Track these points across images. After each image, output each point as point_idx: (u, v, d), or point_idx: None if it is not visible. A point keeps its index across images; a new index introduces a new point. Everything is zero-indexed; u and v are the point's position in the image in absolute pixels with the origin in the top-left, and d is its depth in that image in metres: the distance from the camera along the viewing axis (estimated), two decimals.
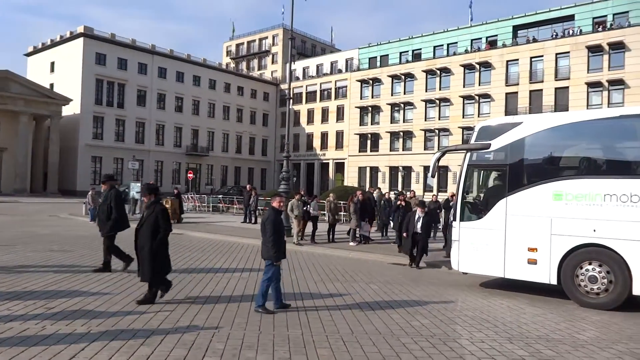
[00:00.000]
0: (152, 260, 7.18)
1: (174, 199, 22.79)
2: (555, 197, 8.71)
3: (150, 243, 7.18)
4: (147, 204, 7.58)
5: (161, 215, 7.30)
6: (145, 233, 7.28)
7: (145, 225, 7.33)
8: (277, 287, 7.21)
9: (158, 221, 7.25)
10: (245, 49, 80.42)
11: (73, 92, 49.87)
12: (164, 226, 7.27)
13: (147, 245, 7.20)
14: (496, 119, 10.24)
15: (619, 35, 42.93)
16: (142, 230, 7.33)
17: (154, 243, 7.18)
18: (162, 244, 7.34)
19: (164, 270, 7.46)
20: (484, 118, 50.13)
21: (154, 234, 7.20)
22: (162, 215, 7.32)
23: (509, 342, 6.07)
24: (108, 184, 10.09)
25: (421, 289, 9.47)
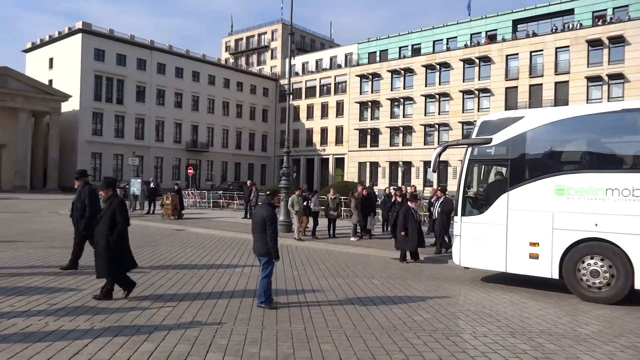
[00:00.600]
0: (109, 257, 6.93)
1: (174, 194, 22.77)
2: (557, 192, 8.70)
3: (107, 238, 6.91)
4: (105, 198, 7.33)
5: (118, 209, 7.03)
6: (101, 228, 7.02)
7: (102, 220, 7.08)
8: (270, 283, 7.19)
9: (115, 215, 7.00)
10: (244, 44, 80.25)
11: (72, 88, 49.77)
12: (120, 220, 6.99)
13: (103, 240, 6.94)
14: (497, 114, 10.22)
15: (619, 29, 42.86)
16: (99, 225, 7.08)
17: (110, 238, 6.91)
18: (120, 239, 7.04)
19: (124, 267, 7.21)
20: (483, 113, 50.11)
21: (111, 229, 6.94)
22: (119, 209, 7.04)
23: (511, 336, 6.08)
24: (82, 180, 9.49)
25: (423, 284, 9.48)
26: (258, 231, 7.09)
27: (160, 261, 10.93)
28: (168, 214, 22.20)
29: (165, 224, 20.13)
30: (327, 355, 5.13)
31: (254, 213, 7.42)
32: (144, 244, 13.73)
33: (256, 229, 7.11)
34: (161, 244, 13.92)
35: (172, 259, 11.26)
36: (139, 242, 14.19)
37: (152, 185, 25.39)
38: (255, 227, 7.13)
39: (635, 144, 8.36)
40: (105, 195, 7.33)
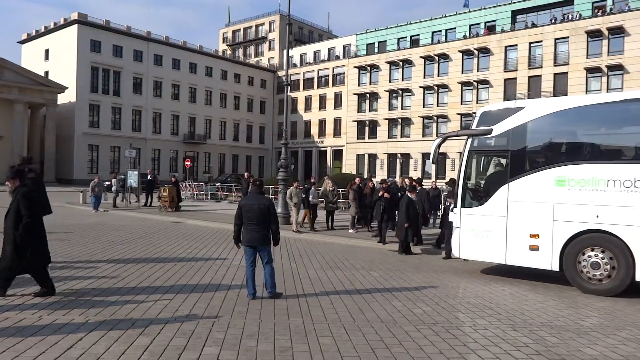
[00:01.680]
0: (15, 251, 6.41)
1: (171, 187, 22.65)
2: (557, 183, 8.60)
3: (13, 233, 6.40)
4: (11, 189, 6.77)
5: (22, 202, 6.43)
6: (8, 222, 6.50)
7: (8, 214, 6.54)
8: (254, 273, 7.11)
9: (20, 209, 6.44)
10: (241, 35, 79.70)
11: (68, 80, 49.40)
12: (25, 214, 6.40)
13: (9, 234, 6.45)
14: (498, 104, 10.09)
15: (619, 20, 42.61)
16: (6, 219, 6.55)
17: (16, 233, 6.39)
18: (27, 232, 6.43)
19: (35, 263, 6.59)
20: (482, 105, 49.90)
21: (16, 223, 6.41)
22: (23, 202, 6.44)
23: (512, 329, 6.00)
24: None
25: (422, 276, 9.41)
26: (260, 221, 6.90)
27: (157, 253, 10.83)
28: (165, 206, 22.09)
29: (162, 216, 20.03)
30: (325, 349, 5.05)
31: (248, 204, 7.01)
32: (141, 236, 13.63)
33: (257, 220, 6.89)
34: (158, 236, 13.82)
35: (169, 252, 11.16)
36: (136, 234, 14.11)
37: (149, 177, 25.25)
38: (257, 218, 6.89)
39: (637, 135, 8.25)
40: (12, 186, 6.75)
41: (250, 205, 7.00)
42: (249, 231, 6.95)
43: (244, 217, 6.96)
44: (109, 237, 13.20)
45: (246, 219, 6.95)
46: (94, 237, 13.10)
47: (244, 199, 7.29)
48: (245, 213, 6.96)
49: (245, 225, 6.98)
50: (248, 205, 6.99)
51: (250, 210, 6.95)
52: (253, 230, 6.94)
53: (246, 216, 6.95)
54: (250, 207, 6.96)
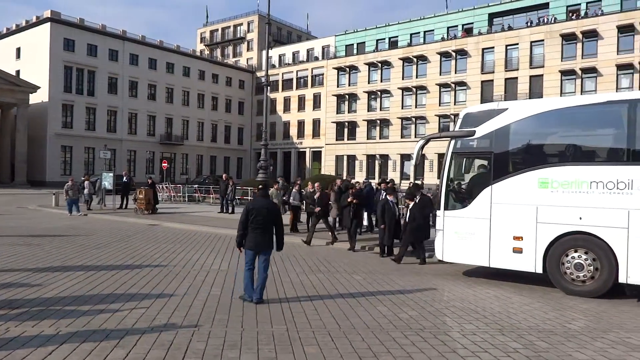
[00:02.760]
0: None
1: (147, 188, 22.14)
2: (540, 185, 8.58)
3: None
4: None
5: None
6: None
7: None
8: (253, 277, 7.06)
9: None
10: (219, 35, 78.96)
11: (41, 79, 48.07)
12: None
13: None
14: (481, 105, 10.05)
15: (592, 24, 43.50)
16: None
17: None
18: None
19: None
20: (460, 106, 50.39)
21: None
22: None
23: (500, 333, 5.90)
24: None
25: (405, 279, 9.28)
26: (268, 225, 6.87)
27: (133, 258, 10.47)
28: (141, 209, 21.57)
29: (138, 219, 19.55)
30: (311, 358, 4.85)
31: (260, 207, 6.91)
32: (116, 240, 13.21)
33: (265, 223, 6.85)
34: (134, 240, 13.42)
35: (146, 256, 10.80)
36: (111, 238, 13.67)
37: (125, 179, 24.64)
38: (265, 222, 6.85)
39: (620, 136, 8.28)
40: None
41: (260, 209, 6.91)
42: (255, 235, 6.88)
43: (251, 221, 6.86)
44: (82, 242, 12.75)
45: (253, 222, 6.85)
46: (67, 242, 12.64)
47: (252, 203, 7.21)
48: (254, 217, 6.86)
49: (251, 228, 6.88)
50: (257, 209, 6.90)
51: (259, 213, 6.86)
52: (259, 234, 6.88)
53: (254, 220, 6.85)
54: (260, 210, 6.87)
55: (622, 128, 8.24)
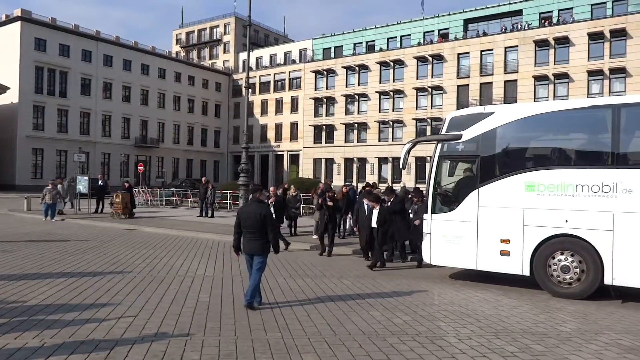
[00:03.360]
0: None
1: (124, 192, 21.66)
2: (527, 188, 8.66)
3: None
4: None
5: None
6: None
7: None
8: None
9: None
10: (195, 37, 78.21)
11: (10, 79, 46.62)
12: None
13: None
14: (467, 109, 10.12)
15: (564, 31, 44.57)
16: None
17: None
18: None
19: None
20: (436, 110, 51.03)
21: None
22: None
23: (495, 337, 5.89)
24: None
25: (394, 283, 9.25)
26: (254, 229, 6.83)
27: (114, 264, 10.17)
28: (118, 213, 21.08)
29: (115, 223, 19.08)
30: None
31: (246, 211, 7.00)
32: (94, 246, 12.84)
33: (255, 227, 6.83)
34: (113, 245, 13.06)
35: (127, 262, 10.51)
36: (89, 243, 13.28)
37: (100, 182, 24.07)
38: (253, 226, 6.83)
39: (604, 140, 8.42)
40: None
41: (247, 213, 6.96)
42: (247, 239, 6.93)
43: (242, 225, 6.91)
44: (59, 248, 12.34)
45: (244, 227, 6.91)
46: (43, 248, 12.22)
47: (242, 207, 7.25)
48: (243, 221, 6.90)
49: (243, 233, 6.94)
50: (245, 213, 6.97)
51: (247, 218, 6.89)
52: (251, 239, 6.89)
53: (244, 224, 6.90)
54: (247, 215, 6.92)
55: (606, 132, 8.38)
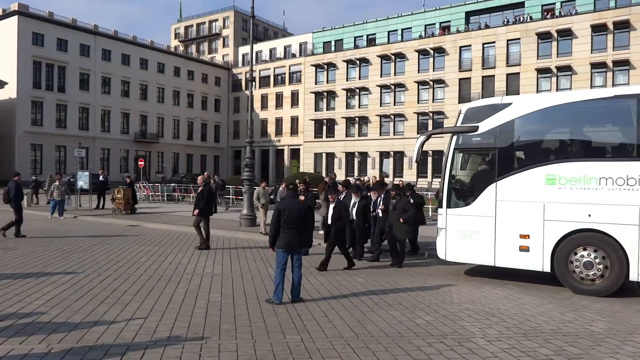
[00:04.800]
0: None
1: (126, 188, 21.35)
2: (547, 181, 8.35)
3: None
4: None
5: None
6: None
7: None
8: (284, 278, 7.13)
9: None
10: (194, 31, 77.56)
11: (8, 74, 46.15)
12: None
13: None
14: (483, 100, 9.78)
15: (567, 23, 44.14)
16: None
17: None
18: None
19: None
20: (438, 103, 50.67)
21: None
22: None
23: (525, 338, 5.60)
24: None
25: (408, 280, 8.95)
26: (298, 224, 6.93)
27: (119, 262, 9.86)
28: (120, 209, 20.77)
29: (117, 219, 18.78)
30: None
31: (289, 206, 6.96)
32: (98, 243, 12.53)
33: (298, 223, 6.92)
34: (117, 242, 12.76)
35: (132, 259, 10.20)
36: (92, 240, 12.97)
37: (101, 178, 23.73)
38: (297, 221, 6.91)
39: (628, 131, 8.10)
40: None
41: (292, 208, 6.94)
42: (288, 235, 6.88)
43: (284, 220, 6.85)
44: (61, 245, 12.03)
45: (286, 222, 6.86)
46: (45, 245, 11.91)
47: (283, 203, 7.18)
48: (287, 216, 6.85)
49: (283, 228, 6.87)
50: (289, 209, 6.93)
51: (291, 213, 6.87)
52: (292, 234, 6.90)
53: (287, 219, 6.85)
54: (292, 210, 6.91)
55: (630, 123, 8.06)
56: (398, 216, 10.26)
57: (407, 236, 10.76)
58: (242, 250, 11.97)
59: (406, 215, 10.25)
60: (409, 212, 10.30)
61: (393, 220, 10.42)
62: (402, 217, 10.20)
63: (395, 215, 10.34)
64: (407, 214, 10.27)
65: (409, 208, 10.39)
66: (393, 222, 10.42)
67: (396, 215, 10.32)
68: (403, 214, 10.21)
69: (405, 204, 10.38)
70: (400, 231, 10.35)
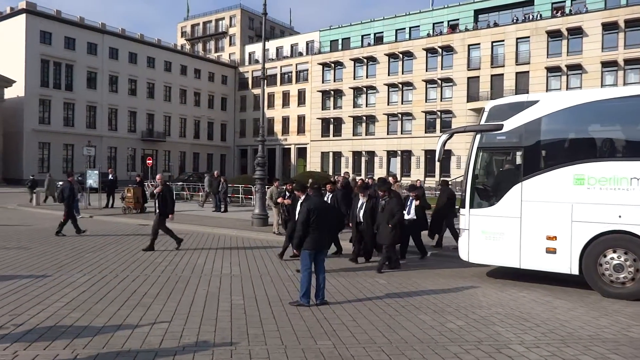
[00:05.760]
0: None
1: (136, 187, 21.22)
2: (576, 182, 8.11)
3: None
4: None
5: None
6: None
7: None
8: None
9: None
10: (200, 30, 77.45)
11: (16, 73, 46.20)
12: None
13: None
14: (508, 98, 9.57)
15: (577, 21, 43.72)
16: None
17: None
18: None
19: None
20: (446, 103, 50.36)
21: None
22: None
23: (564, 344, 5.39)
24: None
25: (430, 282, 8.75)
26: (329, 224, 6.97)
27: (134, 262, 9.70)
28: (130, 207, 20.64)
29: (128, 218, 18.66)
30: None
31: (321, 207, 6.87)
32: (111, 242, 12.39)
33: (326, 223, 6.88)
34: (130, 242, 12.62)
35: (148, 260, 10.05)
36: (105, 239, 12.83)
37: (110, 176, 23.63)
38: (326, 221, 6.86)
39: None
40: None
41: (323, 208, 6.82)
42: (318, 235, 6.73)
43: (315, 221, 6.65)
44: (74, 244, 11.89)
45: (314, 223, 6.66)
46: (58, 244, 11.79)
47: (312, 203, 6.89)
48: (318, 217, 6.66)
49: (313, 229, 6.68)
50: (321, 209, 6.78)
51: (324, 213, 6.73)
52: (322, 235, 6.79)
53: (318, 220, 6.67)
54: (323, 210, 6.80)
55: None
56: (386, 219, 9.45)
57: (390, 242, 9.52)
58: (257, 251, 11.80)
59: (394, 220, 9.35)
60: (396, 216, 9.40)
61: (380, 222, 9.66)
62: (390, 222, 9.35)
63: (383, 217, 9.58)
64: (395, 219, 9.36)
65: (397, 211, 9.48)
66: (380, 224, 9.65)
67: (383, 217, 9.54)
68: (391, 218, 9.35)
69: (394, 207, 9.49)
70: (385, 235, 9.50)
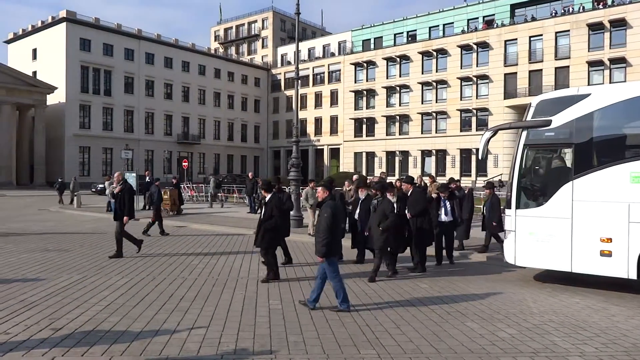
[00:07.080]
0: None
1: (172, 189, 21.44)
2: (633, 180, 7.57)
3: None
4: None
5: None
6: None
7: None
8: None
9: None
10: (233, 33, 78.26)
11: (57, 79, 47.76)
12: None
13: None
14: (557, 92, 9.07)
15: (620, 12, 41.96)
16: None
17: None
18: None
19: None
20: (482, 100, 49.19)
21: None
22: None
23: (629, 357, 4.96)
24: None
25: (475, 286, 8.35)
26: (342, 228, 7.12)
27: (171, 265, 9.65)
28: (166, 209, 20.83)
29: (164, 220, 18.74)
30: None
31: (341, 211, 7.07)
32: (147, 245, 12.40)
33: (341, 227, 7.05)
34: (166, 244, 12.65)
35: (184, 262, 9.99)
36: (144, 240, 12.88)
37: (147, 179, 23.97)
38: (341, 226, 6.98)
39: None
40: None
41: (341, 213, 6.56)
42: (338, 240, 6.47)
43: (337, 227, 6.35)
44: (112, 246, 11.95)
45: (337, 228, 6.39)
46: (96, 246, 11.91)
47: (334, 207, 6.43)
48: (340, 222, 6.48)
49: (334, 235, 6.38)
50: (340, 214, 6.57)
51: (341, 219, 6.54)
52: (339, 239, 6.55)
53: (339, 225, 6.43)
54: (342, 215, 6.63)
55: None
56: (377, 221, 8.57)
57: (381, 246, 8.57)
58: (292, 253, 11.55)
59: (385, 223, 8.41)
60: (389, 220, 8.44)
61: (371, 224, 8.95)
62: (381, 225, 8.43)
63: (374, 218, 8.77)
64: (387, 222, 8.41)
65: (390, 213, 8.53)
66: (372, 226, 8.92)
67: (375, 219, 8.71)
68: (383, 220, 8.44)
69: (386, 208, 8.56)
70: (375, 239, 8.65)
